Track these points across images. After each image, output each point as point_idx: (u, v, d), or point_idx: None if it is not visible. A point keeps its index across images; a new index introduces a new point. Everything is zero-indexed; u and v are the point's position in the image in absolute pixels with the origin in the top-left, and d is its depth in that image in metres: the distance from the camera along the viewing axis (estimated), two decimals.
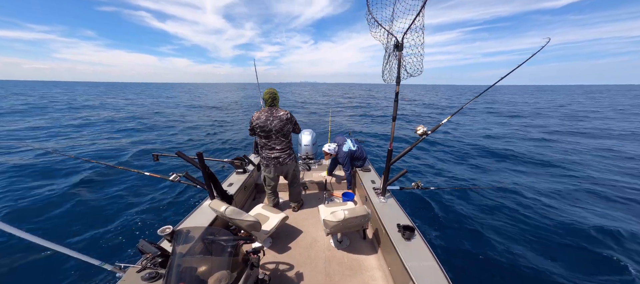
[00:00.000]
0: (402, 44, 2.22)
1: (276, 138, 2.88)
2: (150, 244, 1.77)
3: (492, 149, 8.96)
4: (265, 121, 2.79)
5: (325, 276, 2.27)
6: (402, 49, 2.24)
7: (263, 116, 2.81)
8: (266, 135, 2.85)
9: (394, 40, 2.25)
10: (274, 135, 2.85)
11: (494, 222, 4.34)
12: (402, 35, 2.18)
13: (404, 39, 2.20)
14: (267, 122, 2.79)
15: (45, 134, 11.13)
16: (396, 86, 2.39)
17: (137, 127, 13.10)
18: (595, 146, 9.16)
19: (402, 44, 2.22)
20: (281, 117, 2.82)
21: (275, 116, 2.81)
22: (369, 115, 18.54)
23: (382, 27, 2.28)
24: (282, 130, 2.85)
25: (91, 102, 26.22)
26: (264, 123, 2.79)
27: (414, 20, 2.04)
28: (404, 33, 2.16)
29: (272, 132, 2.82)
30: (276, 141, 2.89)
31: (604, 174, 6.39)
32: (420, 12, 1.99)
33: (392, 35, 2.26)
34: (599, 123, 14.55)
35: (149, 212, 4.71)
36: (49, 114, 16.92)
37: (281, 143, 2.92)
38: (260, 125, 2.80)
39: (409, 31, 2.13)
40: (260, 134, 2.86)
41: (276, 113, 2.83)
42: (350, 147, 3.53)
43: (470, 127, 13.18)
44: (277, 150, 2.92)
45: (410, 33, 2.14)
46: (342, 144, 3.58)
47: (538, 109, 21.98)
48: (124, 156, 8.39)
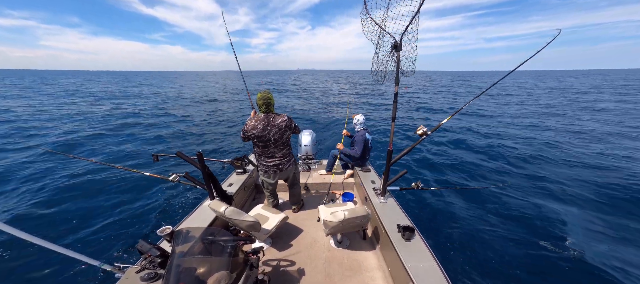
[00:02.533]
0: (401, 45, 2.22)
1: (275, 147, 2.69)
2: (149, 245, 1.77)
3: (492, 148, 8.96)
4: (262, 130, 2.55)
5: (325, 276, 2.27)
6: (400, 50, 2.24)
7: (260, 125, 2.55)
8: (264, 144, 2.65)
9: (392, 41, 2.25)
10: (273, 144, 2.66)
11: (494, 222, 4.34)
12: (400, 36, 2.19)
13: (402, 39, 2.21)
14: (264, 131, 2.56)
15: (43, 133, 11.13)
16: (395, 86, 2.39)
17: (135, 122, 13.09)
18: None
19: (400, 45, 2.22)
20: (280, 125, 2.59)
21: (273, 125, 2.57)
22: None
23: (379, 27, 2.28)
24: (282, 138, 2.66)
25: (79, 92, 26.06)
26: (262, 133, 2.56)
27: (412, 20, 2.05)
28: (402, 34, 2.17)
29: (271, 142, 2.63)
30: (275, 149, 2.70)
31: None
32: (417, 12, 1.99)
33: (391, 35, 2.26)
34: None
35: (149, 212, 4.71)
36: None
37: (281, 151, 2.74)
38: (258, 135, 2.56)
39: (406, 32, 2.14)
40: (257, 143, 2.66)
41: (274, 121, 2.58)
42: (366, 136, 3.70)
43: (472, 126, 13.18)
44: (277, 158, 2.75)
45: (407, 34, 2.16)
46: (363, 130, 3.76)
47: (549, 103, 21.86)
48: (124, 156, 8.40)
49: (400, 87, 19.72)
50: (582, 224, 4.29)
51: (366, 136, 3.68)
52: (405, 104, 20.48)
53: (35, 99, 21.74)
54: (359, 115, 3.83)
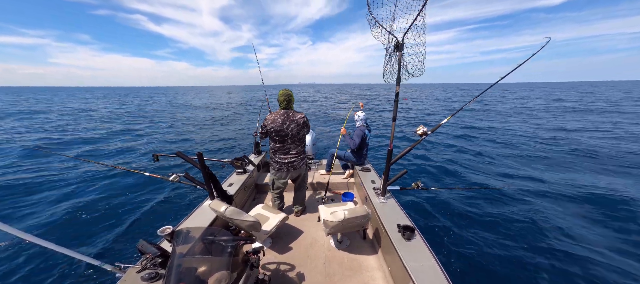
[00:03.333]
0: (403, 44, 2.21)
1: (292, 142, 2.75)
2: (150, 245, 1.77)
3: (492, 148, 8.97)
4: (281, 125, 2.63)
5: (325, 276, 2.27)
6: (402, 49, 2.23)
7: (279, 119, 2.63)
8: (281, 139, 2.70)
9: (394, 41, 2.24)
10: (290, 139, 2.72)
11: (494, 222, 4.34)
12: (403, 35, 2.17)
13: (404, 39, 2.19)
14: (283, 126, 2.63)
15: (47, 136, 11.13)
16: (396, 86, 2.39)
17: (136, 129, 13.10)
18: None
19: (402, 44, 2.21)
20: (298, 121, 2.68)
21: (291, 120, 2.66)
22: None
23: (382, 27, 2.28)
24: (299, 134, 2.73)
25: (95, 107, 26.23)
26: (280, 127, 2.63)
27: (415, 19, 2.04)
28: (405, 33, 2.15)
29: (288, 136, 2.69)
30: (292, 145, 2.76)
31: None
32: (420, 11, 1.99)
33: (392, 35, 2.25)
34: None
35: (149, 212, 4.71)
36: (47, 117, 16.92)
37: (296, 147, 2.79)
38: (276, 129, 2.64)
39: (409, 31, 2.12)
40: (274, 138, 2.71)
41: (293, 117, 2.67)
42: (366, 132, 3.76)
43: (472, 125, 13.20)
44: (292, 154, 2.79)
45: (411, 33, 2.13)
46: (362, 126, 3.82)
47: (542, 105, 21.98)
48: (124, 155, 8.40)
49: (400, 99, 19.78)
50: (582, 224, 4.29)
51: (365, 131, 3.74)
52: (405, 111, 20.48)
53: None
54: (360, 112, 3.88)
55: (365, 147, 3.85)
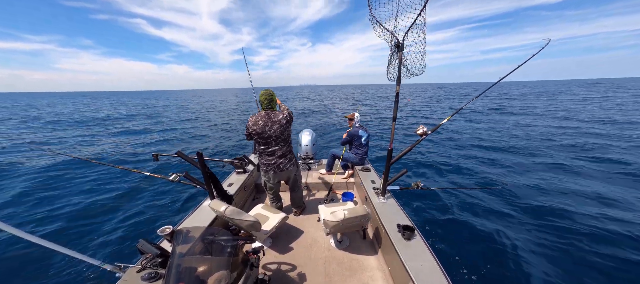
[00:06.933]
0: (403, 44, 2.21)
1: (276, 144, 2.68)
2: (150, 244, 1.77)
3: (493, 148, 8.96)
4: (263, 127, 2.56)
5: (325, 276, 2.27)
6: (402, 49, 2.23)
7: (260, 121, 2.57)
8: (265, 141, 2.64)
9: (395, 40, 2.24)
10: (274, 141, 2.65)
11: (494, 222, 4.34)
12: (403, 34, 2.17)
13: (404, 39, 2.19)
14: (265, 128, 2.57)
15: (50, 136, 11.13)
16: (396, 85, 2.38)
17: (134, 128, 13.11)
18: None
19: (403, 44, 2.21)
20: (280, 122, 2.60)
21: (273, 121, 2.58)
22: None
23: (383, 27, 2.28)
24: (283, 135, 2.66)
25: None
26: (262, 129, 2.56)
27: (416, 19, 2.03)
28: (405, 32, 2.15)
29: (272, 138, 2.62)
30: (276, 147, 2.69)
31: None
32: (421, 10, 1.98)
33: (393, 35, 2.25)
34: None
35: (149, 212, 4.71)
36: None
37: (281, 149, 2.71)
38: (258, 131, 2.58)
39: (410, 30, 2.12)
40: (258, 140, 2.66)
41: (275, 117, 2.60)
42: (360, 132, 3.88)
43: (472, 126, 13.19)
44: (277, 156, 2.72)
45: (412, 32, 2.13)
46: (360, 128, 3.93)
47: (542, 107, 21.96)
48: (124, 155, 8.39)
49: (404, 100, 19.75)
50: (583, 224, 4.29)
51: (359, 132, 3.86)
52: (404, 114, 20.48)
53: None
54: (356, 113, 4.05)
55: (366, 147, 3.94)
